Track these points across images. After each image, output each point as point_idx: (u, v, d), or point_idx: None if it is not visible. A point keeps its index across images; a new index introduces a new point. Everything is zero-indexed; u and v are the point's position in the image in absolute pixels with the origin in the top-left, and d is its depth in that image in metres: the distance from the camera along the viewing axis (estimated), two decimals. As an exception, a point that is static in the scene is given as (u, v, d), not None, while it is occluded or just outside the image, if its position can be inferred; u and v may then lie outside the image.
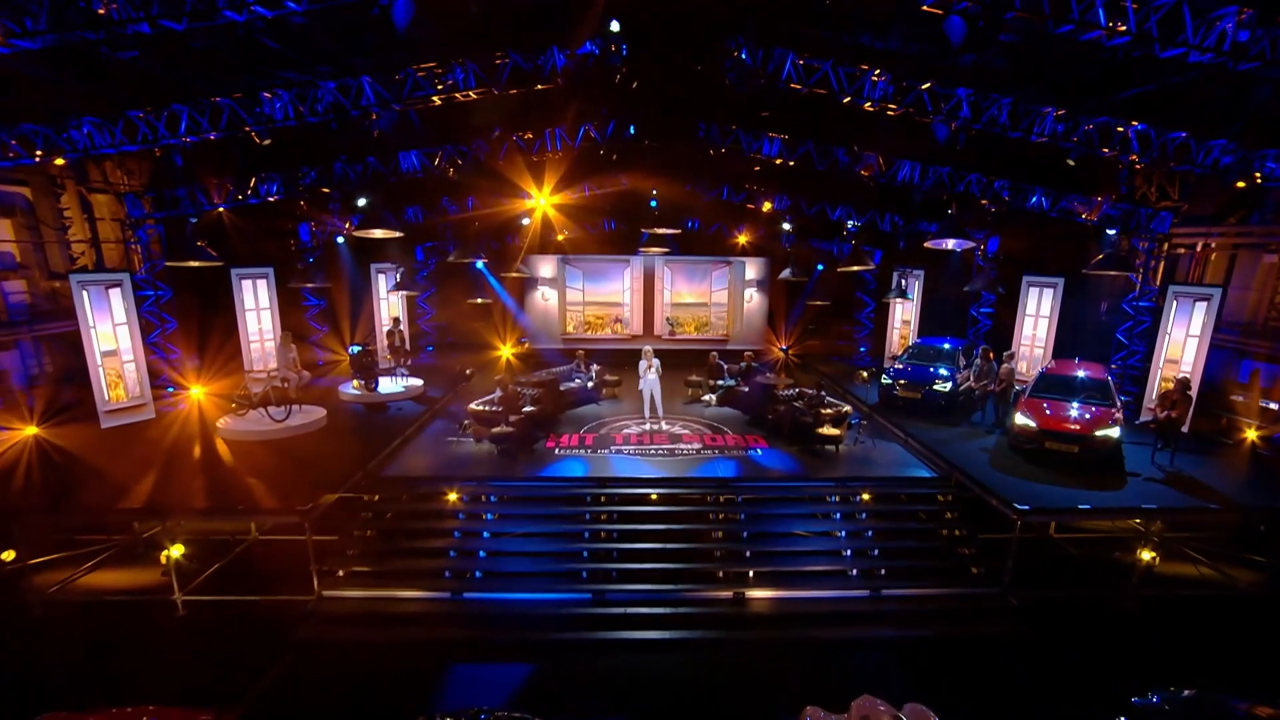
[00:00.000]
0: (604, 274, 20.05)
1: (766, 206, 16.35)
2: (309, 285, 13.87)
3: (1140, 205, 11.72)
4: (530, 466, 10.47)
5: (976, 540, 9.34)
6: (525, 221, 16.09)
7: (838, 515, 9.83)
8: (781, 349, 16.81)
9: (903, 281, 15.70)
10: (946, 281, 16.46)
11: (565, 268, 20.00)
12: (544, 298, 20.21)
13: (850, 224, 16.17)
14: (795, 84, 9.31)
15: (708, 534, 9.38)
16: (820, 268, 18.89)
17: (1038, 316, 14.45)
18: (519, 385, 12.60)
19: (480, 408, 11.70)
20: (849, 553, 9.33)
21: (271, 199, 11.89)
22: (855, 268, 13.75)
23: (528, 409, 11.68)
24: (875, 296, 19.39)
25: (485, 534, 9.41)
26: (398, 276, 15.16)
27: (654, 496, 9.84)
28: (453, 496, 9.56)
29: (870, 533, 9.57)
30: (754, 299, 20.34)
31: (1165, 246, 11.78)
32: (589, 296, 20.18)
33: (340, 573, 8.65)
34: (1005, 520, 8.84)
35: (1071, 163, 9.73)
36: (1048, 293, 14.18)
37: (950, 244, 10.75)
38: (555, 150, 12.64)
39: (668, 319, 20.44)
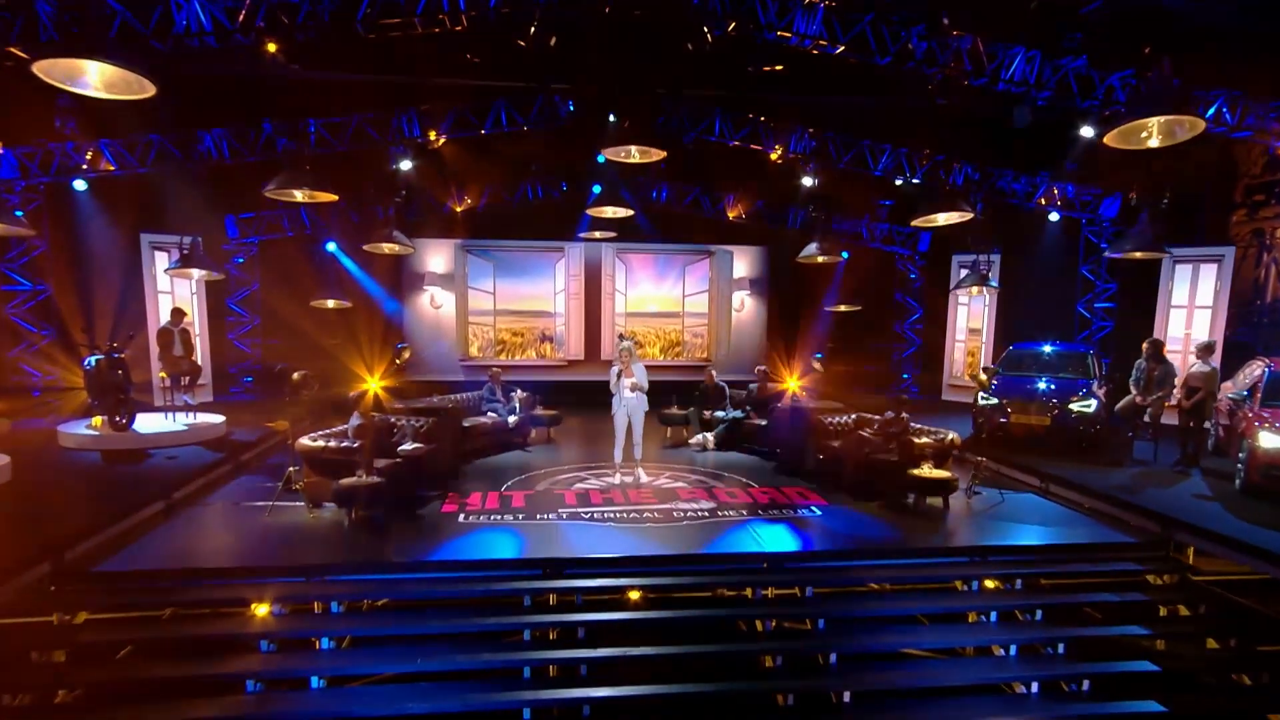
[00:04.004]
0: (526, 268, 18.00)
1: (776, 154, 13.82)
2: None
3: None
4: (413, 545, 7.33)
5: (1253, 655, 6.51)
6: (405, 166, 13.03)
7: (992, 616, 6.98)
8: (816, 358, 14.03)
9: (984, 265, 13.31)
10: (1039, 264, 14.80)
11: (467, 258, 17.57)
12: (434, 303, 17.59)
13: (901, 181, 14.04)
14: None
15: (757, 661, 6.46)
16: (845, 257, 16.67)
17: (1191, 307, 12.42)
18: (393, 414, 9.94)
19: (320, 443, 8.38)
20: (1035, 689, 6.35)
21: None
22: (940, 217, 10.92)
23: (408, 448, 8.74)
24: (921, 298, 17.48)
25: (316, 682, 5.89)
26: (185, 247, 11.56)
27: (634, 595, 6.76)
28: (258, 610, 6.19)
29: (1061, 647, 6.62)
30: (746, 305, 18.57)
31: None
32: (503, 302, 17.93)
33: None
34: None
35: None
36: (1207, 271, 12.17)
37: (1190, 127, 7.61)
38: (457, 18, 9.62)
39: (621, 336, 17.70)
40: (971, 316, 15.98)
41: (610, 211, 13.19)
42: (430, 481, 9.06)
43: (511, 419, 11.86)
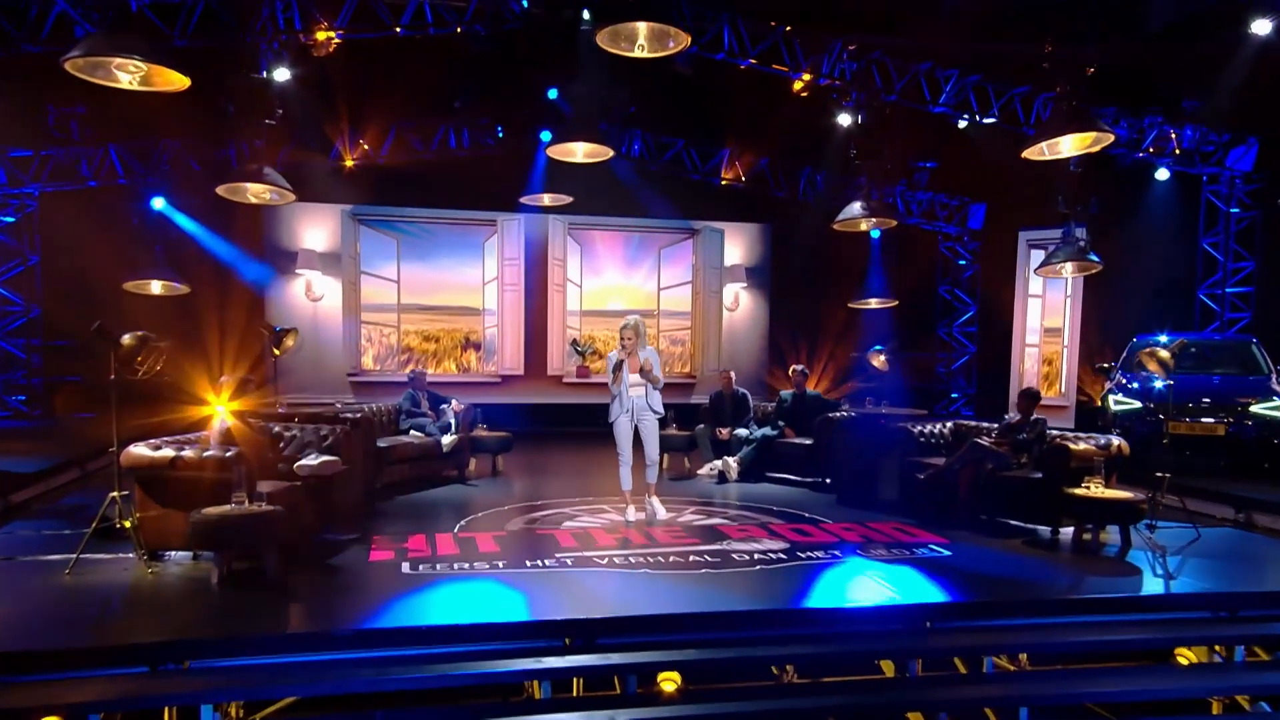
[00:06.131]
0: (444, 248, 17.79)
1: (802, 82, 13.10)
2: None
3: None
4: (337, 609, 6.12)
5: None
6: (281, 75, 11.69)
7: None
8: (876, 350, 13.35)
9: (1080, 236, 12.62)
10: (1141, 238, 14.35)
11: (360, 231, 16.84)
12: (311, 293, 16.62)
13: (966, 121, 13.55)
14: None
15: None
16: (876, 236, 16.25)
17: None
18: (279, 420, 8.84)
19: (166, 453, 6.80)
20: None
21: None
22: (1066, 142, 9.72)
23: (312, 462, 7.50)
24: (974, 291, 17.21)
25: None
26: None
27: (666, 683, 5.53)
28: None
29: None
30: (742, 302, 18.37)
31: None
32: (411, 294, 17.41)
33: None
34: None
35: None
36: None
37: None
38: None
39: (574, 344, 17.79)
40: (1047, 312, 15.52)
41: (581, 151, 11.81)
42: (342, 519, 7.73)
43: (446, 439, 10.54)
